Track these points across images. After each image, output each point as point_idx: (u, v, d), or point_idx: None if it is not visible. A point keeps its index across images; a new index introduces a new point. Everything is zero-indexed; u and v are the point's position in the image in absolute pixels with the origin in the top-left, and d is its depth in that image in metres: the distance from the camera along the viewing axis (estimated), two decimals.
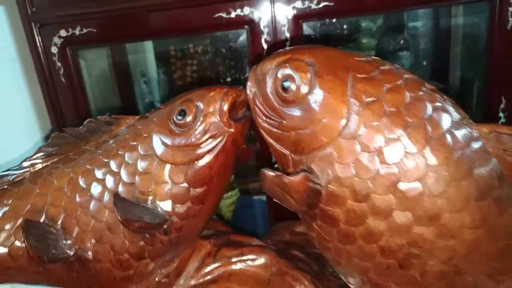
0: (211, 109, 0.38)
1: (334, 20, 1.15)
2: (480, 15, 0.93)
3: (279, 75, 0.33)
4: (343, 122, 0.32)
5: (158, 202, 0.39)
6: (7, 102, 0.79)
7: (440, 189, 0.31)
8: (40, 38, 0.77)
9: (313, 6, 0.75)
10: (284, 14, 0.75)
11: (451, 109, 0.32)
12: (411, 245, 0.32)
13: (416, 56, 1.25)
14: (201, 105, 0.38)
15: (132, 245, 0.40)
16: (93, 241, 0.41)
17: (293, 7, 0.75)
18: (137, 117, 0.44)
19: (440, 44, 1.25)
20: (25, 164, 0.45)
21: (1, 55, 0.78)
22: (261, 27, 0.77)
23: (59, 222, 0.41)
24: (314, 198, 0.33)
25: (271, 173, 0.33)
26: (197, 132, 0.38)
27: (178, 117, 0.39)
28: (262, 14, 0.76)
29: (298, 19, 0.76)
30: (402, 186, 0.31)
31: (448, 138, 0.31)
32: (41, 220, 0.41)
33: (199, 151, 0.38)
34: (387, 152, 0.31)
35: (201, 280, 0.44)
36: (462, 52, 1.16)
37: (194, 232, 0.43)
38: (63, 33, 0.77)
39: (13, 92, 0.80)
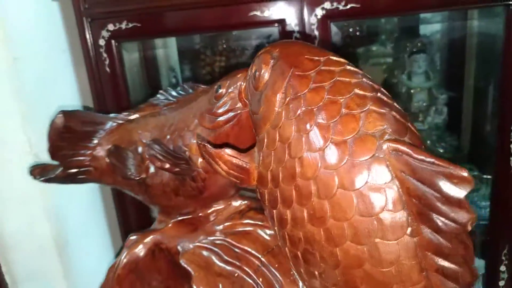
0: (234, 87, 0.46)
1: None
2: (496, 18, 0.98)
3: (255, 65, 0.39)
4: (273, 113, 0.36)
5: (191, 155, 0.48)
6: (57, 88, 0.86)
7: (329, 193, 0.31)
8: (90, 31, 0.85)
9: (341, 7, 0.81)
10: (314, 14, 0.82)
11: (368, 119, 0.31)
12: (306, 241, 0.34)
13: (432, 59, 1.31)
14: (229, 83, 0.47)
15: (172, 182, 0.50)
16: (152, 170, 0.51)
17: (322, 8, 0.82)
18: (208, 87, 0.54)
19: (455, 47, 1.30)
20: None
21: (54, 46, 0.85)
22: (292, 25, 0.84)
23: (139, 152, 0.52)
24: (242, 173, 0.38)
25: (200, 142, 0.40)
26: (220, 104, 0.47)
27: (217, 91, 0.48)
28: (293, 14, 0.83)
29: (327, 19, 0.83)
30: (299, 182, 0.33)
31: (350, 144, 0.30)
32: (130, 148, 0.52)
33: (220, 118, 0.47)
34: (292, 147, 0.33)
35: (224, 230, 0.52)
36: (477, 56, 1.21)
37: (216, 185, 0.51)
38: (111, 27, 0.84)
39: (63, 79, 0.87)
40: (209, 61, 1.22)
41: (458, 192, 0.27)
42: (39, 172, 0.57)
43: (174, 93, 0.57)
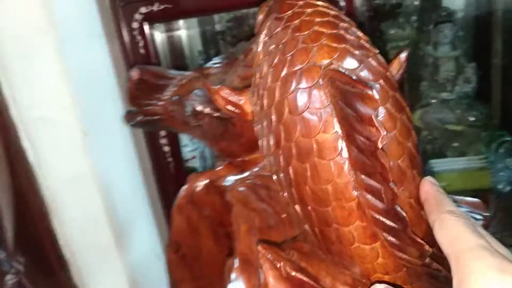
0: None
1: None
2: None
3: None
4: (257, 53, 0.39)
5: None
6: (97, 70, 0.91)
7: (281, 117, 0.35)
8: (123, 15, 0.90)
9: None
10: None
11: (318, 52, 0.33)
12: (275, 164, 0.37)
13: (457, 28, 1.29)
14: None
15: (218, 127, 0.55)
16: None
17: None
18: None
19: (481, 16, 1.29)
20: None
21: (90, 31, 0.91)
22: None
23: None
24: (237, 108, 0.41)
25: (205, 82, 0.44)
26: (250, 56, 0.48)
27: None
28: None
29: None
30: (267, 111, 0.36)
31: (298, 74, 0.33)
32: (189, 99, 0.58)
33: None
34: (266, 81, 0.36)
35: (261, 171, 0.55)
36: (505, 23, 1.19)
37: (251, 129, 0.54)
38: (143, 9, 0.89)
39: (101, 62, 0.93)
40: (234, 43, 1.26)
41: (368, 111, 0.30)
42: (128, 118, 0.63)
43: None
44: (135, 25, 0.91)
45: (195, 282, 0.61)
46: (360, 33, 0.36)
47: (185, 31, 1.29)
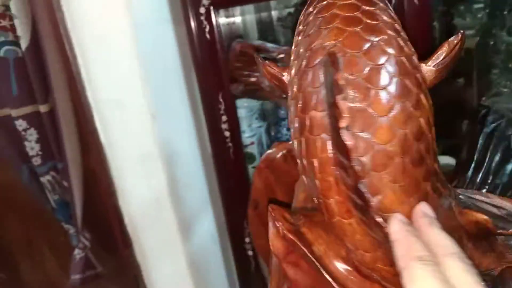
0: None
1: None
2: None
3: None
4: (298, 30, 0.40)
5: None
6: (161, 57, 0.94)
7: (301, 90, 0.37)
8: (191, 1, 0.91)
9: None
10: None
11: (328, 35, 0.35)
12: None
13: None
14: None
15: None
16: None
17: None
18: None
19: None
20: None
21: (158, 16, 0.92)
22: None
23: None
24: (279, 82, 0.42)
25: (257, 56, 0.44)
26: None
27: None
28: None
29: None
30: (296, 81, 0.39)
31: (308, 53, 0.36)
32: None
33: None
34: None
35: None
36: None
37: None
38: None
39: (166, 48, 0.95)
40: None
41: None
42: (232, 88, 0.65)
43: None
44: (202, 10, 0.91)
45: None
46: (386, 17, 0.35)
47: (241, 17, 1.29)
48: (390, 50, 0.34)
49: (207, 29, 0.94)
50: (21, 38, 0.84)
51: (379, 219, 0.34)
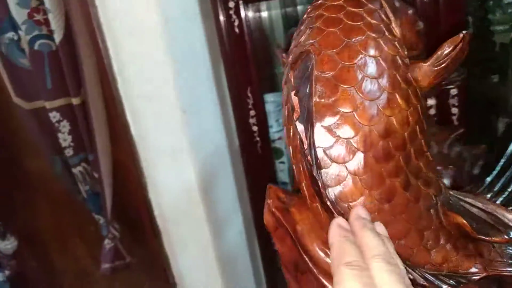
0: None
1: None
2: None
3: None
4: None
5: None
6: (191, 52, 0.93)
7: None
8: None
9: None
10: None
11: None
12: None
13: None
14: None
15: None
16: None
17: None
18: None
19: None
20: None
21: (188, 11, 0.92)
22: None
23: None
24: None
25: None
26: None
27: None
28: None
29: None
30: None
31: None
32: None
33: None
34: None
35: None
36: None
37: None
38: None
39: (196, 43, 0.95)
40: None
41: None
42: None
43: None
44: (231, 4, 0.91)
45: None
46: (371, 19, 0.37)
47: (267, 12, 1.27)
48: (366, 51, 0.36)
49: (236, 23, 0.93)
50: (55, 32, 0.85)
51: (330, 205, 0.36)
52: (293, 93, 0.37)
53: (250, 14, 1.11)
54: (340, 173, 0.35)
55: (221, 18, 0.93)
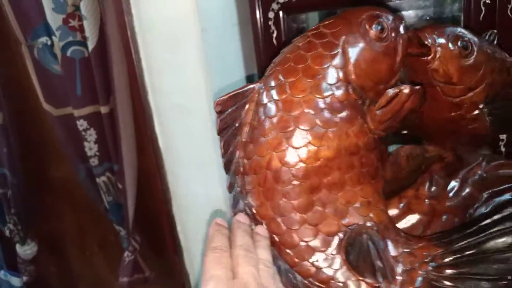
0: None
1: None
2: None
3: None
4: None
5: None
6: (226, 62, 0.90)
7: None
8: (260, 4, 0.86)
9: None
10: None
11: None
12: None
13: None
14: None
15: None
16: None
17: None
18: None
19: None
20: None
21: (227, 20, 0.89)
22: None
23: None
24: None
25: None
26: None
27: None
28: None
29: None
30: None
31: None
32: None
33: None
34: None
35: None
36: None
37: None
38: None
39: (232, 54, 0.91)
40: None
41: None
42: None
43: None
44: (270, 14, 0.87)
45: None
46: (330, 61, 0.42)
47: (305, 24, 1.23)
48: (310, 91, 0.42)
49: (275, 34, 0.89)
50: (89, 39, 0.83)
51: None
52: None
53: (289, 25, 1.07)
54: (250, 184, 0.44)
55: (259, 28, 0.89)
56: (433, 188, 0.52)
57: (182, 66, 0.79)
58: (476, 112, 0.48)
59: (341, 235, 0.42)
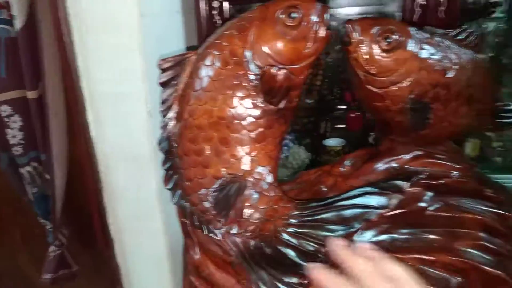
0: None
1: None
2: None
3: None
4: None
5: None
6: (169, 48, 0.87)
7: None
8: None
9: None
10: None
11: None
12: None
13: None
14: None
15: None
16: None
17: None
18: None
19: None
20: None
21: (169, 8, 0.87)
22: None
23: None
24: None
25: None
26: None
27: None
28: None
29: None
30: None
31: None
32: None
33: None
34: None
35: None
36: None
37: None
38: None
39: (175, 40, 0.89)
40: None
41: None
42: None
43: None
44: (215, 4, 0.86)
45: None
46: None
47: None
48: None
49: (219, 23, 0.89)
50: (16, 17, 0.77)
51: None
52: None
53: (234, 15, 1.07)
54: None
55: (203, 17, 0.88)
56: (346, 168, 0.58)
57: (118, 52, 0.75)
58: (401, 105, 0.52)
59: (224, 179, 0.52)
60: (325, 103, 1.21)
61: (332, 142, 1.14)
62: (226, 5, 0.86)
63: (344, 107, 1.22)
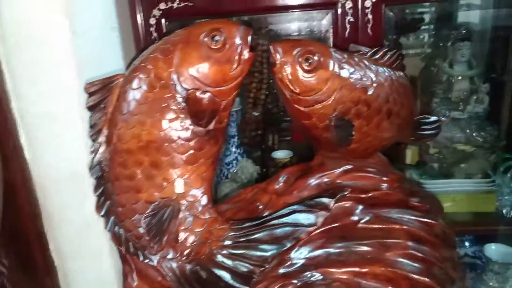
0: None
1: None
2: None
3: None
4: None
5: None
6: (107, 66, 0.84)
7: None
8: (141, 9, 0.84)
9: None
10: None
11: None
12: None
13: (475, 47, 1.26)
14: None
15: None
16: None
17: None
18: None
19: (498, 36, 1.27)
20: None
21: (105, 24, 0.84)
22: (346, 8, 0.81)
23: None
24: None
25: None
26: None
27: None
28: None
29: (382, 3, 0.81)
30: None
31: None
32: None
33: None
34: None
35: None
36: None
37: None
38: (162, 5, 0.83)
39: (112, 57, 0.87)
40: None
41: None
42: None
43: None
44: (152, 21, 0.85)
45: None
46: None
47: None
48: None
49: (156, 40, 0.87)
50: None
51: None
52: None
53: (171, 32, 1.05)
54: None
55: (141, 34, 0.86)
56: (280, 185, 0.58)
57: (50, 72, 0.72)
58: (326, 122, 0.53)
59: (157, 203, 0.51)
60: (271, 116, 1.21)
61: (280, 154, 1.15)
62: (163, 22, 0.85)
63: (289, 119, 1.23)
